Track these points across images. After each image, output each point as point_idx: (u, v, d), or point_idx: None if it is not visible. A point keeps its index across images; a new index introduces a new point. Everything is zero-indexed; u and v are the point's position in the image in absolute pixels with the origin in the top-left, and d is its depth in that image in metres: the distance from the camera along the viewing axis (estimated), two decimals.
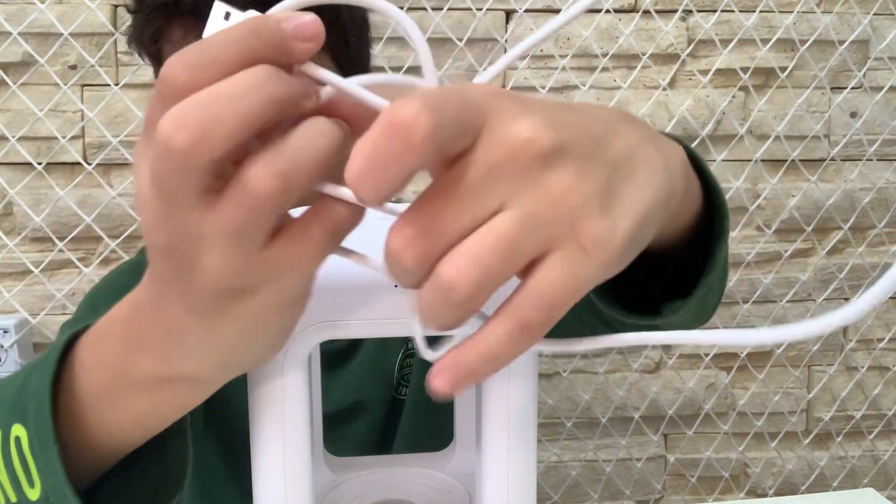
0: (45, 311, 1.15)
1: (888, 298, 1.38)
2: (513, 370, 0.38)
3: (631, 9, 1.22)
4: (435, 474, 0.49)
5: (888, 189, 1.32)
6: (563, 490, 1.32)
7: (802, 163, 1.28)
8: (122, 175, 1.15)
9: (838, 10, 1.26)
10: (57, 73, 1.11)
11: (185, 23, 0.64)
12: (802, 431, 1.38)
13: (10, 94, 1.11)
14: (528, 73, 1.20)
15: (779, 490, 1.38)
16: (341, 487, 0.48)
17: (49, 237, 1.13)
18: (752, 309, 1.29)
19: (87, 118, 1.12)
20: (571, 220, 0.24)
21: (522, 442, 0.39)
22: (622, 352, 1.30)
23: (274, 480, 0.38)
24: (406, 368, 0.79)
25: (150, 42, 0.68)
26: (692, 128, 1.24)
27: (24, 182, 1.12)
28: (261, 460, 0.38)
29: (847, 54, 1.27)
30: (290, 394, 0.37)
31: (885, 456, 1.40)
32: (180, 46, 0.68)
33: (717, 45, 1.23)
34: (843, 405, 1.37)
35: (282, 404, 0.37)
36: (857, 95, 1.29)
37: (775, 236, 1.29)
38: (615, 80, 1.22)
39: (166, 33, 0.66)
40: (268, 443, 0.38)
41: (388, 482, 0.48)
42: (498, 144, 0.24)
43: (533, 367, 0.39)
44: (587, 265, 0.25)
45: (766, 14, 1.23)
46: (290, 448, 0.38)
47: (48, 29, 1.10)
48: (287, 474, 0.38)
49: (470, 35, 1.17)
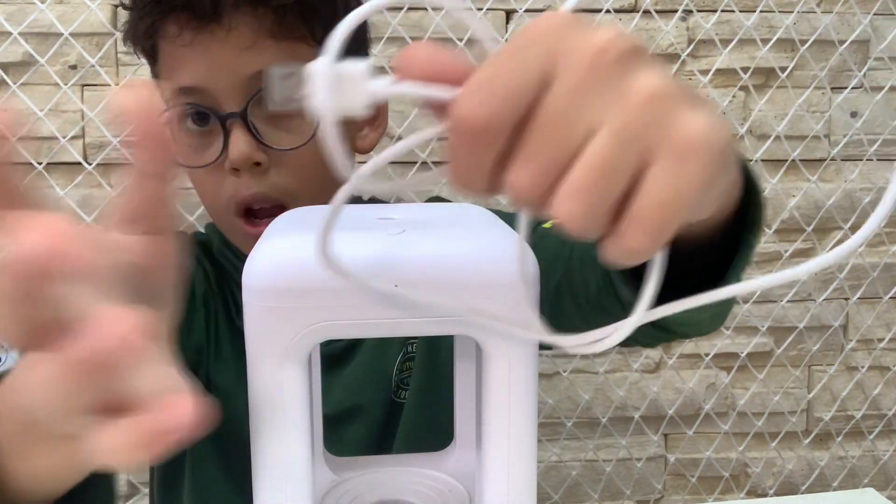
0: None
1: (888, 298, 1.38)
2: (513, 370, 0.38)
3: (631, 9, 1.22)
4: (435, 474, 0.49)
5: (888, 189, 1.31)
6: (563, 490, 1.32)
7: (803, 163, 1.28)
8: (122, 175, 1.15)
9: (838, 9, 1.26)
10: (57, 73, 1.11)
11: (179, 18, 0.64)
12: (802, 431, 1.38)
13: (10, 94, 1.11)
14: None
15: (779, 490, 1.38)
16: (341, 487, 0.48)
17: None
18: (752, 309, 1.29)
19: (88, 118, 1.12)
20: (664, 126, 0.24)
21: (522, 442, 0.39)
22: (622, 351, 1.30)
23: (274, 480, 0.38)
24: (405, 372, 0.79)
25: (145, 38, 0.68)
26: None
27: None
28: (261, 460, 0.38)
29: (847, 54, 1.27)
30: (290, 394, 0.37)
31: (886, 456, 1.40)
32: (175, 42, 0.67)
33: (718, 44, 1.23)
34: (843, 405, 1.37)
35: (282, 404, 0.37)
36: (857, 95, 1.29)
37: (775, 236, 1.29)
38: None
39: (161, 29, 0.66)
40: (268, 443, 0.38)
41: (388, 482, 0.48)
42: (573, 67, 0.25)
43: (533, 368, 0.39)
44: (689, 169, 0.24)
45: (767, 14, 1.23)
46: (290, 448, 0.38)
47: (48, 29, 1.10)
48: (287, 474, 0.38)
49: (470, 34, 1.17)
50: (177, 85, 0.66)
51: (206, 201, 0.72)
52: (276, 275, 0.36)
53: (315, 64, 0.27)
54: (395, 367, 0.78)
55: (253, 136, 0.65)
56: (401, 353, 0.79)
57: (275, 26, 0.64)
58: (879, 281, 1.33)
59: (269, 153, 0.66)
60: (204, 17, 0.63)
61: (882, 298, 1.34)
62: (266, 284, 0.37)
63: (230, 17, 0.64)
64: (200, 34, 0.64)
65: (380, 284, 0.35)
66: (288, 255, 0.37)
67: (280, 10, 0.64)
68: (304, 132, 0.66)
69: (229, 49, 0.64)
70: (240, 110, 0.65)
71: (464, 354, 0.50)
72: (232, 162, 0.65)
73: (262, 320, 0.37)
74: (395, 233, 0.39)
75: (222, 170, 0.66)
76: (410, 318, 0.37)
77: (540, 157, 0.24)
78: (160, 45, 0.67)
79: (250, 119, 0.65)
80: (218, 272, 0.79)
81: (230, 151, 0.65)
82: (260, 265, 0.37)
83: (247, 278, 0.37)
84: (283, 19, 0.65)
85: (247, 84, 0.65)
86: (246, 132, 0.65)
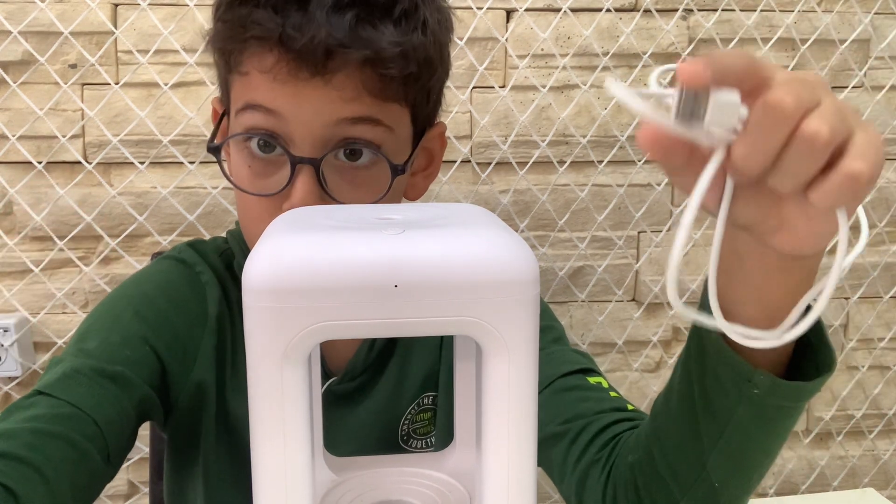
0: (45, 311, 1.15)
1: (888, 298, 1.38)
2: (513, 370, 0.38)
3: (632, 8, 1.22)
4: (435, 474, 0.49)
5: (889, 188, 1.32)
6: None
7: None
8: (122, 174, 1.15)
9: (839, 9, 1.26)
10: (57, 71, 1.11)
11: (280, 53, 0.61)
12: (803, 431, 1.38)
13: (10, 93, 1.11)
14: (529, 71, 1.20)
15: (779, 490, 1.38)
16: (341, 487, 0.48)
17: (49, 236, 1.13)
18: None
19: (87, 117, 1.12)
20: (857, 116, 0.38)
21: (522, 442, 0.39)
22: (622, 351, 1.30)
23: (274, 480, 0.38)
24: (418, 423, 0.77)
25: (231, 54, 0.65)
26: None
27: (25, 181, 1.12)
28: (261, 460, 0.38)
29: (848, 53, 1.27)
30: (290, 394, 0.37)
31: (886, 455, 1.40)
32: (266, 73, 0.63)
33: (718, 44, 1.23)
34: (843, 405, 1.37)
35: (282, 404, 0.37)
36: (857, 95, 1.29)
37: None
38: (616, 79, 1.22)
39: (255, 54, 0.63)
40: (268, 443, 0.38)
41: (388, 482, 0.48)
42: (797, 76, 0.38)
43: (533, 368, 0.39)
44: (878, 137, 0.37)
45: (767, 13, 1.23)
46: (290, 448, 0.38)
47: (48, 28, 1.10)
48: (287, 474, 0.38)
49: (470, 34, 1.17)
50: (251, 102, 0.64)
51: (249, 223, 0.69)
52: (276, 275, 0.36)
53: (733, 96, 0.36)
54: (406, 415, 0.77)
55: (320, 184, 0.63)
56: (414, 402, 0.77)
57: (377, 88, 0.63)
58: (879, 280, 1.33)
59: (330, 203, 0.64)
60: (309, 66, 0.61)
61: (882, 298, 1.34)
62: (266, 284, 0.36)
63: (335, 73, 0.62)
64: (297, 77, 0.62)
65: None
66: (288, 256, 0.37)
67: (387, 77, 0.63)
68: (370, 186, 0.65)
69: (323, 95, 0.62)
70: (317, 157, 0.63)
71: (464, 354, 0.50)
72: (293, 204, 0.62)
73: (262, 320, 0.37)
74: (395, 233, 0.39)
75: (277, 204, 0.64)
76: (410, 318, 0.37)
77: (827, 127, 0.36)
78: (246, 67, 0.64)
79: (322, 164, 0.63)
80: (239, 289, 0.76)
81: (294, 195, 0.63)
82: (260, 265, 0.37)
83: (247, 278, 0.37)
84: (387, 84, 0.64)
85: (330, 132, 0.63)
86: (314, 181, 0.63)
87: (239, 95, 0.66)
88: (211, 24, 0.67)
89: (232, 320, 0.73)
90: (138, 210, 1.14)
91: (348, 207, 0.49)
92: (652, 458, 0.56)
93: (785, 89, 0.36)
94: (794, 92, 0.36)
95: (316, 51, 0.60)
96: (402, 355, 0.77)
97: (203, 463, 0.74)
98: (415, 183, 0.75)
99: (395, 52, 0.62)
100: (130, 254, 1.16)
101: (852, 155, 0.36)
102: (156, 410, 0.68)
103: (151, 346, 0.67)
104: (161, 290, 0.72)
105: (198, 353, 0.71)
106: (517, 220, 1.23)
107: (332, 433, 0.74)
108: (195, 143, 1.15)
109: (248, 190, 0.66)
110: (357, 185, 0.65)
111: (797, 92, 0.36)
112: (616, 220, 1.26)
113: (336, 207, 0.48)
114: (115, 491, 1.23)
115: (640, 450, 0.58)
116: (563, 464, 0.67)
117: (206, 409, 0.72)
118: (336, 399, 0.75)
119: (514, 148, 1.21)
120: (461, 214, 0.45)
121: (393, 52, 0.62)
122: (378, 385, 0.76)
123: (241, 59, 0.64)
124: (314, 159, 0.63)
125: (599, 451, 0.64)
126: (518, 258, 0.38)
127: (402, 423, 0.77)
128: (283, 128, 0.63)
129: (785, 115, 0.36)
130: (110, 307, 0.70)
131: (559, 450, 0.67)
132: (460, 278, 0.37)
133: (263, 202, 0.65)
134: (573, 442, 0.66)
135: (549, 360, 0.71)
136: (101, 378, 0.62)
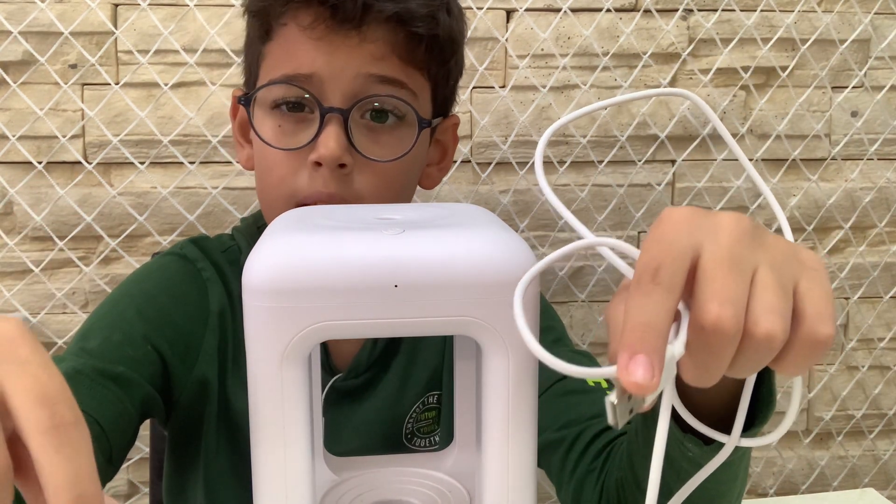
0: (45, 311, 1.15)
1: (888, 298, 1.38)
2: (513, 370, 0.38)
3: (632, 8, 1.22)
4: (435, 474, 0.49)
5: (889, 188, 1.32)
6: None
7: (803, 162, 1.28)
8: (122, 174, 1.15)
9: (839, 9, 1.26)
10: (57, 72, 1.11)
11: (318, 11, 0.65)
12: (803, 431, 1.38)
13: (10, 94, 1.11)
14: (529, 72, 1.20)
15: (779, 490, 1.38)
16: (341, 487, 0.48)
17: (49, 236, 1.13)
18: None
19: (88, 117, 1.12)
20: (795, 257, 0.35)
21: (522, 442, 0.39)
22: None
23: (274, 480, 0.38)
24: (423, 421, 0.78)
25: (270, 15, 0.68)
26: (693, 127, 1.24)
27: (25, 181, 1.12)
28: (261, 460, 0.38)
29: (848, 53, 1.27)
30: (290, 394, 0.37)
31: (886, 455, 1.40)
32: (304, 31, 0.67)
33: (718, 44, 1.23)
34: (843, 404, 1.37)
35: (282, 404, 0.37)
36: (857, 95, 1.29)
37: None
38: (616, 79, 1.22)
39: (294, 14, 0.67)
40: (268, 443, 0.38)
41: (389, 482, 0.48)
42: (721, 248, 0.34)
43: (533, 368, 0.39)
44: (824, 275, 0.35)
45: (767, 13, 1.23)
46: (290, 448, 0.38)
47: (48, 28, 1.09)
48: (287, 474, 0.38)
49: (470, 34, 1.17)
50: (288, 72, 0.67)
51: (270, 186, 0.70)
52: (276, 275, 0.36)
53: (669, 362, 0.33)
54: (411, 413, 0.77)
55: (347, 137, 0.66)
56: (419, 401, 0.77)
57: (404, 50, 0.68)
58: (880, 280, 1.33)
59: (356, 158, 0.67)
60: (346, 21, 0.65)
61: (882, 298, 1.34)
62: (266, 284, 0.36)
63: (368, 28, 0.66)
64: (335, 33, 0.66)
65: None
66: (288, 255, 0.37)
67: (415, 38, 0.68)
68: (393, 147, 0.68)
69: (357, 52, 0.66)
70: (344, 107, 0.66)
71: (464, 354, 0.50)
72: (319, 156, 0.65)
73: (262, 320, 0.37)
74: (395, 233, 0.39)
75: (303, 159, 0.66)
76: (410, 317, 0.37)
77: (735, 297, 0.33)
78: (283, 27, 0.68)
79: (350, 121, 0.66)
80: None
81: (320, 145, 0.65)
82: (260, 265, 0.37)
83: (247, 278, 0.37)
84: (414, 47, 0.68)
85: (360, 86, 0.66)
86: (342, 131, 0.66)
87: (275, 61, 0.68)
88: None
89: (234, 316, 0.74)
90: (138, 210, 1.14)
91: (348, 207, 0.49)
92: (633, 478, 0.57)
93: (718, 295, 0.33)
94: (727, 292, 0.33)
95: (353, 4, 0.65)
96: (407, 353, 0.77)
97: (204, 459, 0.74)
98: (429, 173, 0.77)
99: (423, 11, 0.68)
100: (130, 254, 1.16)
101: (812, 318, 0.34)
102: (158, 408, 0.68)
103: (153, 345, 0.67)
104: (163, 287, 0.72)
105: (200, 349, 0.71)
106: (517, 220, 1.23)
107: (336, 430, 0.74)
108: (195, 144, 1.15)
109: (276, 145, 0.68)
110: (382, 143, 0.68)
111: (731, 290, 0.33)
112: (616, 220, 1.26)
113: (336, 207, 0.48)
114: (115, 491, 1.23)
115: (624, 468, 0.59)
116: (560, 472, 0.68)
117: (207, 406, 0.72)
118: (341, 396, 0.75)
119: (514, 148, 1.21)
120: (461, 214, 0.45)
121: (421, 11, 0.68)
122: (383, 382, 0.76)
123: (283, 13, 0.68)
124: (343, 109, 0.66)
125: (593, 461, 0.65)
126: (518, 258, 0.38)
127: (406, 421, 0.77)
128: (316, 87, 0.67)
129: (727, 335, 0.32)
130: (112, 306, 0.71)
131: (557, 458, 0.68)
132: (460, 278, 0.37)
133: (291, 158, 0.67)
134: (569, 450, 0.67)
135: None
136: (103, 378, 0.62)
